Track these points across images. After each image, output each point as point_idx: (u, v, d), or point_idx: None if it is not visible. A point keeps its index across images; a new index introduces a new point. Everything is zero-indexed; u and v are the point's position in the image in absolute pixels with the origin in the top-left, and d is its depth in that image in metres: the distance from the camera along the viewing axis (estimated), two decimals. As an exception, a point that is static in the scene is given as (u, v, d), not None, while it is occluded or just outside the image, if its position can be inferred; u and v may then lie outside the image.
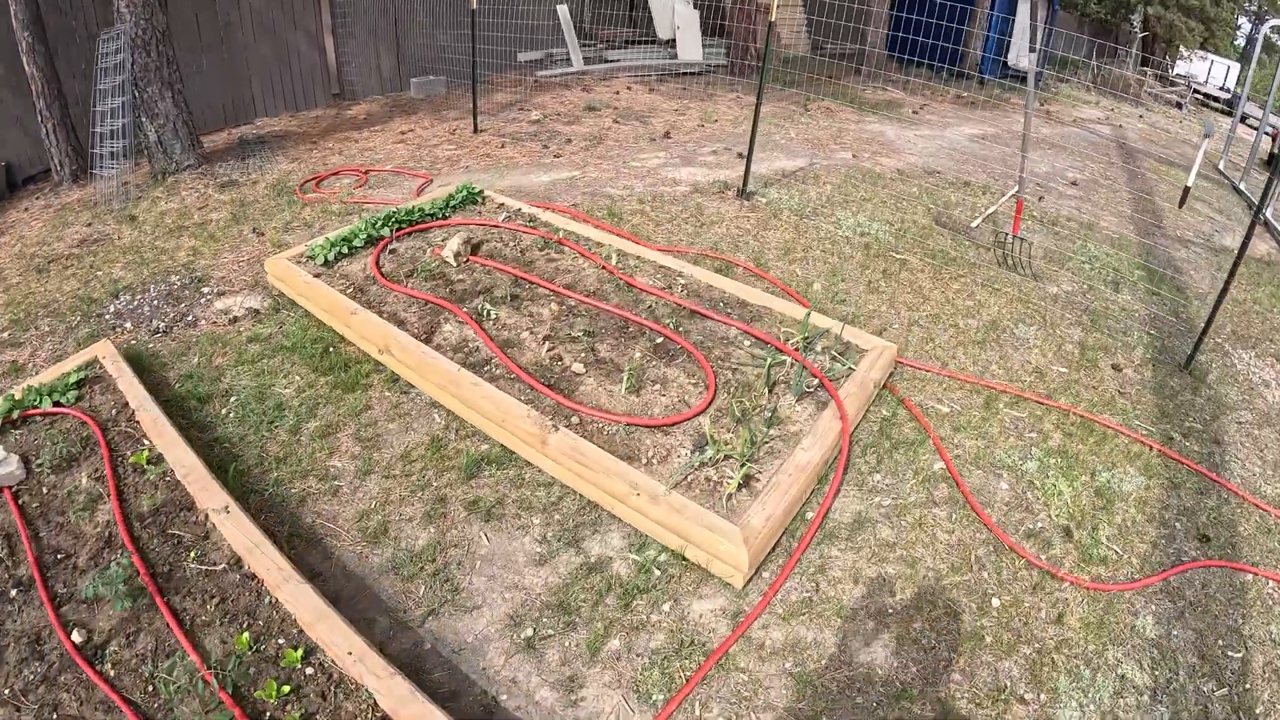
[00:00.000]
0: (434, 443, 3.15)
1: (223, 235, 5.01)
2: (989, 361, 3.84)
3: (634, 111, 7.22)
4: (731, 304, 3.80)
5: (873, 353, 3.46)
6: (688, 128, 6.82)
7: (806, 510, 2.83)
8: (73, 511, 2.68)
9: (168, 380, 3.59)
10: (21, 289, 4.49)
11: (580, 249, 4.20)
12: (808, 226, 5.02)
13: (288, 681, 2.12)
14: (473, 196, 4.83)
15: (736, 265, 4.50)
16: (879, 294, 4.34)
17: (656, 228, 4.93)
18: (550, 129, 6.84)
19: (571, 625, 2.42)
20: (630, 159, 6.07)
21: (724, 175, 5.73)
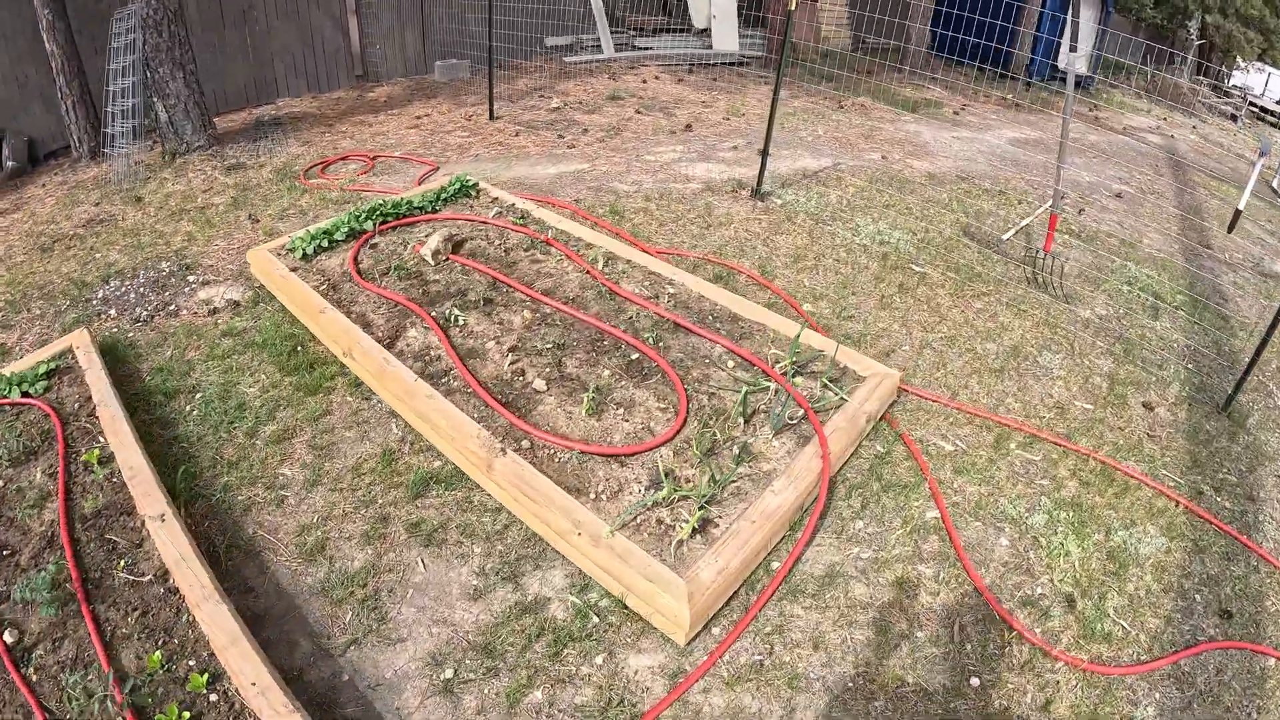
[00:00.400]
0: (386, 455, 3.15)
1: (220, 221, 5.14)
2: (1005, 393, 3.61)
3: (658, 102, 7.10)
4: (722, 318, 3.68)
5: (871, 380, 3.29)
6: (712, 121, 6.66)
7: (774, 559, 2.71)
8: (23, 508, 2.78)
9: (140, 372, 3.70)
10: (23, 268, 4.70)
11: (567, 250, 4.14)
12: (823, 232, 4.83)
13: (190, 707, 2.14)
14: (466, 190, 4.81)
15: (739, 273, 4.36)
16: (892, 311, 4.14)
17: (659, 228, 4.82)
18: (568, 118, 6.78)
19: (495, 671, 2.37)
20: (645, 152, 5.96)
21: (741, 173, 5.57)
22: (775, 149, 6.05)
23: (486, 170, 5.80)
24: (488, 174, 5.72)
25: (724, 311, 3.71)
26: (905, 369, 3.69)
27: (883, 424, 3.31)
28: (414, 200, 4.60)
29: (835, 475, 3.02)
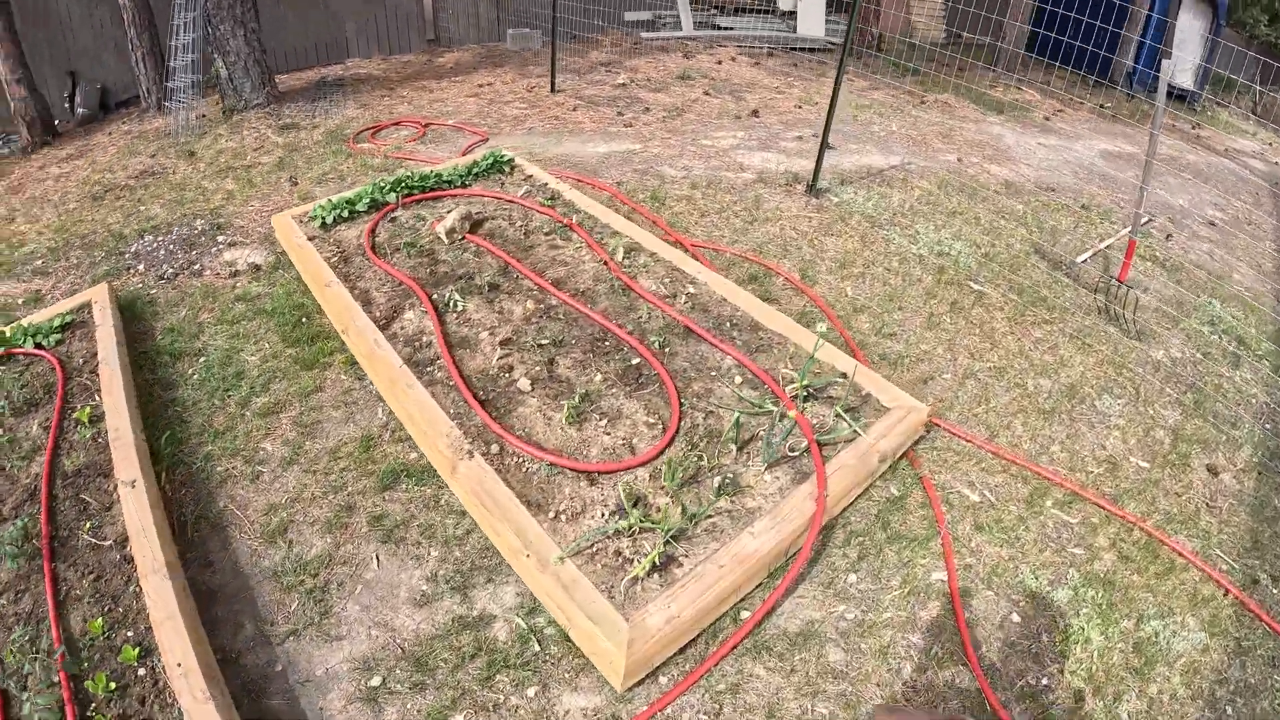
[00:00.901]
0: (366, 441, 3.24)
1: (261, 181, 5.41)
2: (1052, 439, 3.34)
3: (729, 85, 6.95)
4: (742, 325, 3.57)
5: (895, 413, 3.11)
6: (782, 108, 6.45)
7: (745, 608, 2.61)
8: (15, 458, 3.03)
9: (154, 330, 3.95)
10: (73, 216, 5.11)
11: (588, 238, 4.11)
12: (877, 237, 4.59)
13: (119, 679, 2.29)
14: (500, 165, 4.86)
15: (777, 274, 4.21)
16: (939, 331, 3.90)
17: (700, 219, 4.72)
18: (632, 95, 6.74)
19: (422, 687, 2.41)
20: (703, 136, 5.83)
21: (799, 166, 5.37)
22: (843, 143, 5.81)
23: (536, 145, 5.85)
24: (536, 149, 5.76)
25: (745, 318, 3.60)
26: (942, 400, 3.47)
27: (904, 462, 3.13)
28: (443, 174, 4.68)
29: (835, 519, 2.88)
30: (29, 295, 4.16)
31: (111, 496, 2.84)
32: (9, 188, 5.56)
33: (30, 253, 4.57)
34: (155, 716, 2.20)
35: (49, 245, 4.66)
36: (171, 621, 2.40)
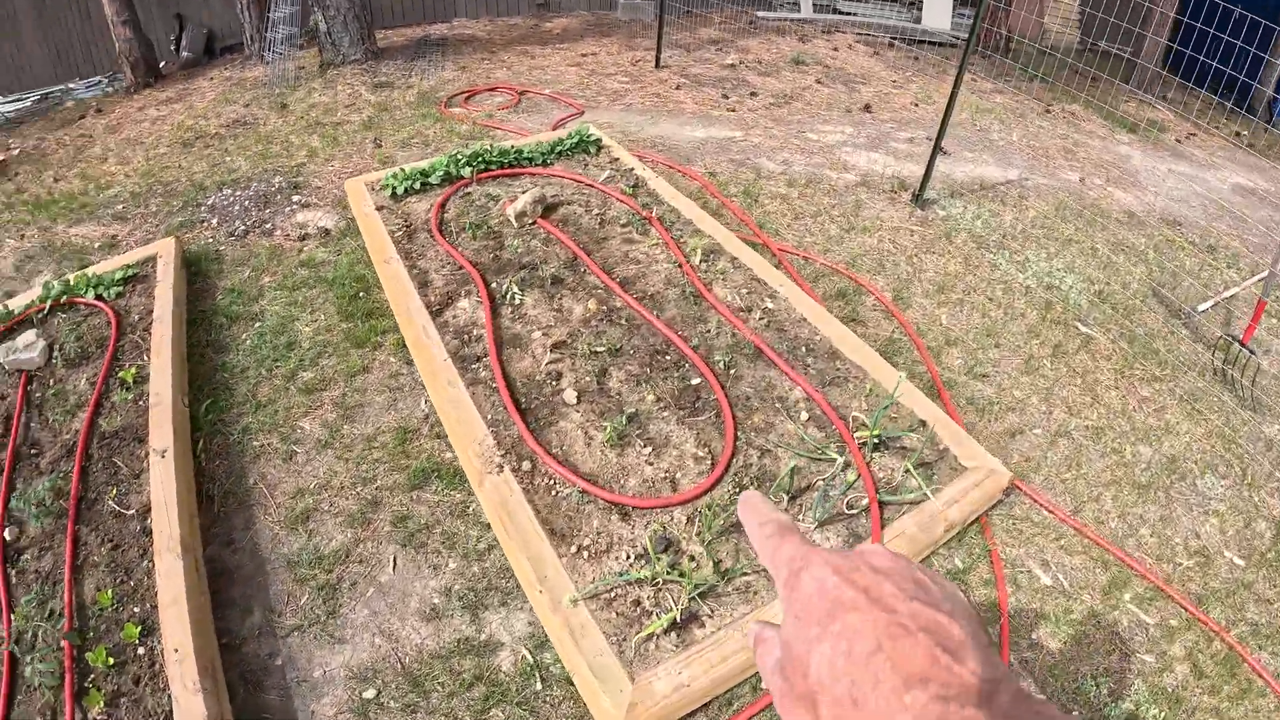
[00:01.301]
0: (403, 432, 3.24)
1: (346, 140, 5.52)
2: (1143, 520, 2.99)
3: (844, 74, 6.61)
4: (819, 351, 3.36)
5: (972, 476, 2.85)
6: (897, 105, 6.08)
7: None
8: (60, 411, 3.20)
9: (215, 289, 4.09)
10: (161, 161, 5.37)
11: (666, 235, 3.97)
12: (982, 260, 4.24)
13: (119, 655, 2.36)
14: (585, 144, 4.76)
15: (868, 292, 3.96)
16: (1036, 377, 3.57)
17: (793, 221, 4.49)
18: (740, 78, 6.51)
19: (413, 709, 2.39)
20: (808, 129, 5.56)
21: (908, 171, 5.04)
22: (958, 149, 5.42)
23: (631, 123, 5.73)
24: (630, 128, 5.65)
25: (823, 344, 3.39)
26: (1029, 459, 3.17)
27: (975, 526, 2.88)
28: (524, 150, 4.63)
29: None
30: (105, 240, 4.39)
31: (142, 463, 2.94)
32: (108, 127, 5.91)
33: (114, 196, 4.83)
34: (146, 699, 2.26)
35: (132, 190, 4.91)
36: (176, 606, 2.45)
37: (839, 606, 0.43)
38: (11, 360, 3.27)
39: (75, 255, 4.29)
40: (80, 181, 5.11)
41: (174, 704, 2.21)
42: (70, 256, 4.29)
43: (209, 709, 2.20)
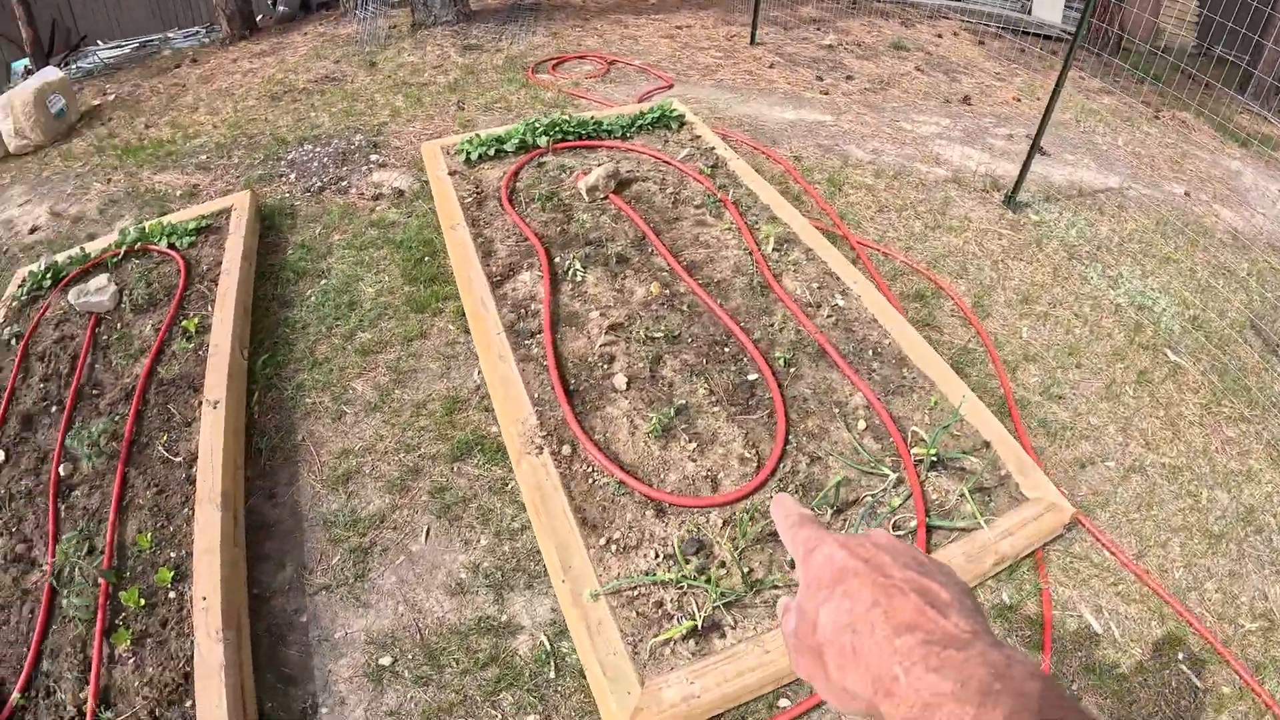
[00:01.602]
0: (452, 401, 3.26)
1: (430, 101, 5.58)
2: (1210, 573, 2.72)
3: (945, 63, 6.27)
4: (886, 356, 3.20)
5: (1031, 508, 2.64)
6: (998, 98, 5.71)
7: (786, 694, 2.34)
8: (125, 355, 3.34)
9: (286, 244, 4.20)
10: (249, 114, 5.55)
11: (740, 220, 3.85)
12: (1072, 272, 3.94)
13: (150, 597, 2.46)
14: (667, 120, 4.66)
15: (947, 297, 3.75)
16: (1116, 404, 3.30)
17: (876, 214, 4.29)
18: (837, 59, 6.26)
19: (426, 681, 2.40)
20: (903, 118, 5.29)
21: (1002, 170, 4.72)
22: (1058, 150, 5.07)
23: (719, 100, 5.60)
24: (718, 105, 5.52)
25: (891, 349, 3.23)
26: (1097, 493, 2.94)
27: (1028, 562, 2.70)
28: (604, 122, 4.57)
29: None
30: (186, 189, 4.57)
31: (195, 412, 3.04)
32: (201, 77, 6.15)
33: (200, 145, 5.02)
34: (171, 642, 2.34)
35: (218, 140, 5.09)
36: (209, 556, 2.53)
37: (844, 574, 0.52)
38: (82, 302, 3.43)
39: (157, 202, 4.48)
40: (170, 129, 5.34)
41: (195, 650, 2.29)
42: (152, 203, 4.48)
43: (227, 658, 2.27)
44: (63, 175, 4.97)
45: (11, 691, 2.22)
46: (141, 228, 3.86)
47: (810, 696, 2.28)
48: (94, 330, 3.40)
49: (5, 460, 2.90)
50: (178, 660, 2.28)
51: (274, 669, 2.46)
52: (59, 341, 3.36)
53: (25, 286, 3.62)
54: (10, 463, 2.89)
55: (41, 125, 5.25)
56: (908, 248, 4.07)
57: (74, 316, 3.47)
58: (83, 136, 5.44)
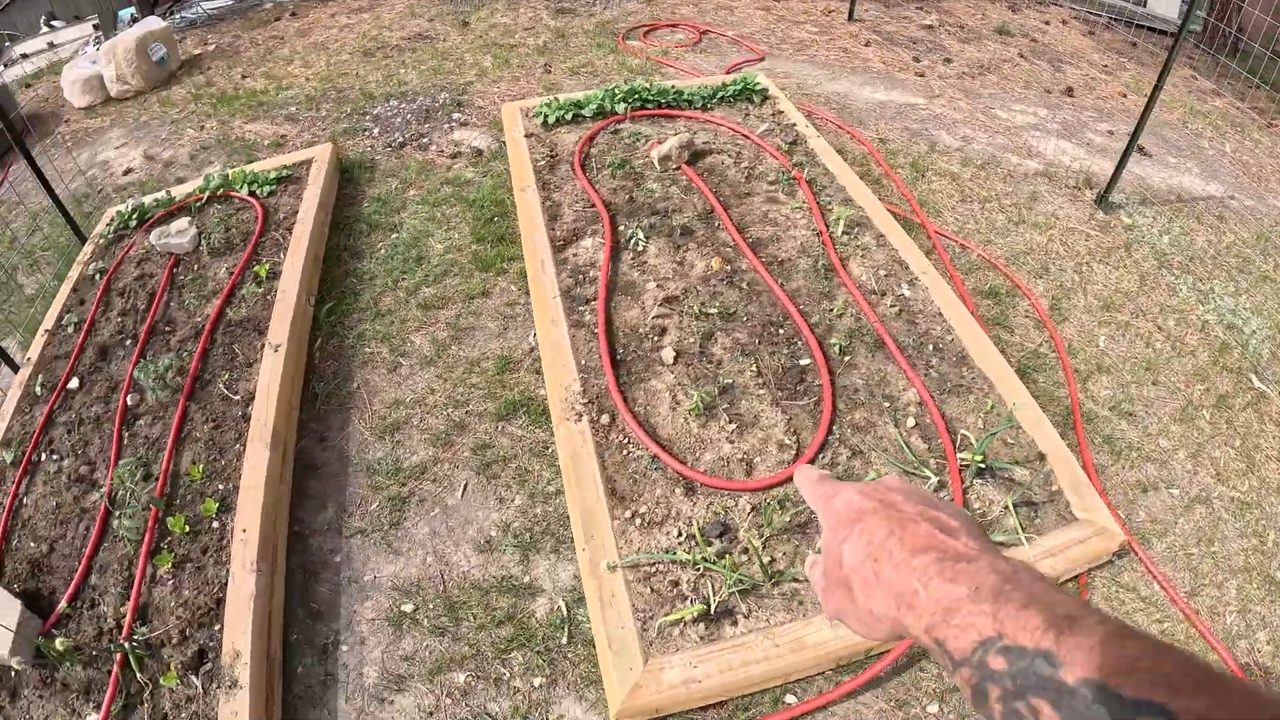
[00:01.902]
0: (505, 361, 3.28)
1: (518, 63, 5.60)
2: (1263, 622, 2.45)
3: (1050, 51, 5.85)
4: (947, 353, 3.04)
5: (1078, 529, 2.44)
6: (1103, 92, 5.28)
7: (792, 690, 2.26)
8: (198, 295, 3.48)
9: (363, 196, 4.30)
10: (340, 68, 5.68)
11: (811, 199, 3.72)
12: (1161, 282, 3.63)
13: (195, 525, 2.57)
14: (750, 93, 4.53)
15: (1023, 296, 3.53)
16: (1190, 428, 3.05)
17: (959, 204, 4.07)
18: (937, 41, 5.94)
19: (442, 631, 2.45)
20: (999, 106, 4.98)
21: (1098, 168, 4.38)
22: (1160, 151, 4.68)
23: (809, 76, 5.42)
24: (807, 81, 5.34)
25: (954, 346, 3.07)
26: (1156, 521, 2.71)
27: (1070, 586, 2.51)
28: (685, 91, 4.48)
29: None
30: (274, 139, 4.73)
31: (258, 354, 3.15)
32: (299, 30, 6.33)
33: (291, 97, 5.18)
34: (209, 569, 2.45)
35: (308, 93, 5.23)
36: (253, 491, 2.63)
37: (861, 513, 0.58)
38: (163, 243, 3.60)
39: (245, 150, 4.65)
40: (264, 80, 5.53)
41: (230, 579, 2.39)
42: (240, 151, 4.66)
43: (258, 588, 2.36)
44: (159, 120, 5.22)
45: (60, 600, 2.37)
46: (225, 175, 4.02)
47: (817, 696, 2.22)
48: (172, 270, 3.57)
49: (79, 387, 3.08)
50: (213, 586, 2.38)
51: (304, 604, 2.56)
52: (139, 279, 3.54)
53: (113, 225, 3.82)
54: (84, 390, 3.07)
55: (142, 72, 5.52)
56: (987, 241, 3.85)
57: (155, 256, 3.65)
58: (181, 84, 5.69)
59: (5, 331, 3.75)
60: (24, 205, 4.39)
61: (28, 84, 6.17)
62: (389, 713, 2.28)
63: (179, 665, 2.22)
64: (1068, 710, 0.40)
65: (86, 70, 5.49)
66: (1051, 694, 0.41)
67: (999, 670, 0.44)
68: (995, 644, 0.45)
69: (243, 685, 2.15)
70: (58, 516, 2.64)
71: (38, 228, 4.29)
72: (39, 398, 3.08)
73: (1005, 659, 0.44)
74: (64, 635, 2.27)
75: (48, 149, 5.05)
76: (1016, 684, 0.43)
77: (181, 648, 2.26)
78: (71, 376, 3.13)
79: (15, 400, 3.10)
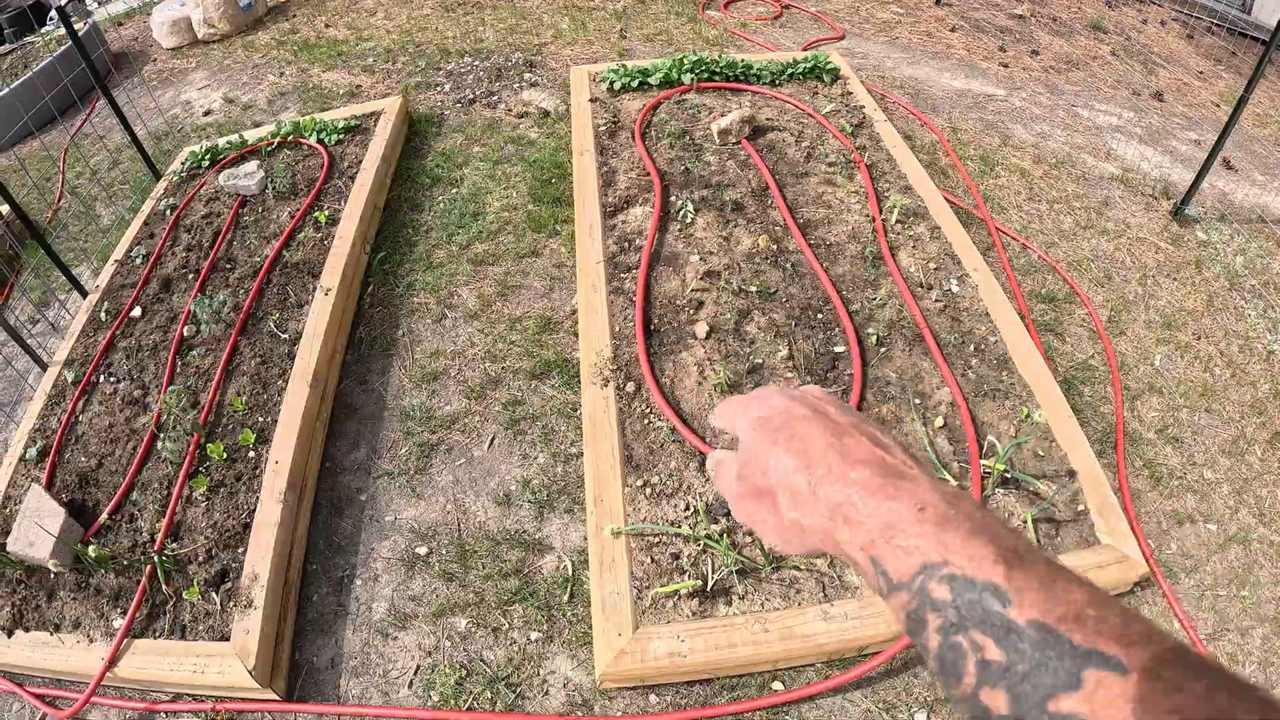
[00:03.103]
0: (546, 321, 3.32)
1: (594, 27, 5.57)
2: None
3: (1144, 52, 5.46)
4: (988, 355, 2.93)
5: (1098, 554, 2.31)
6: (1195, 99, 4.90)
7: (781, 677, 2.24)
8: (258, 236, 3.61)
9: (429, 149, 4.37)
10: (420, 22, 5.74)
11: (869, 183, 3.62)
12: (1229, 304, 3.38)
13: (232, 452, 2.69)
14: (820, 72, 4.40)
15: (1081, 304, 3.37)
16: (1237, 462, 2.85)
17: (1026, 202, 3.89)
18: (1026, 31, 5.63)
19: (451, 577, 2.52)
20: (1083, 104, 4.70)
21: (1178, 177, 4.08)
22: (1248, 166, 4.35)
23: (887, 59, 5.23)
24: (885, 64, 5.16)
25: (997, 348, 2.96)
26: (1188, 555, 2.55)
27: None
28: (754, 66, 4.38)
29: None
30: (350, 88, 4.82)
31: (309, 296, 3.24)
32: (388, -20, 6.43)
33: (370, 48, 5.27)
34: (240, 494, 2.56)
35: (386, 45, 5.31)
36: (289, 426, 2.73)
37: (793, 419, 0.54)
38: (231, 185, 3.73)
39: (321, 99, 4.76)
40: (346, 30, 5.63)
41: (259, 505, 2.50)
42: (316, 99, 4.77)
43: (283, 517, 2.46)
44: (242, 65, 5.38)
45: (102, 513, 2.51)
46: (296, 122, 4.13)
47: (804, 686, 2.20)
48: (238, 210, 3.69)
49: (142, 315, 3.24)
50: (242, 511, 2.50)
51: (326, 536, 2.66)
52: (206, 217, 3.68)
53: (186, 164, 3.98)
54: (145, 318, 3.23)
55: (229, 17, 5.68)
56: (1050, 244, 3.68)
57: (223, 196, 3.78)
58: (267, 30, 5.84)
59: (81, 259, 3.96)
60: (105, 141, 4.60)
61: (119, 22, 6.43)
62: (391, 648, 2.37)
63: (202, 582, 2.34)
64: (1013, 651, 0.38)
65: (175, 12, 5.69)
66: (998, 631, 0.39)
67: (941, 600, 0.42)
68: (939, 570, 0.43)
69: (257, 606, 2.26)
70: (109, 435, 2.80)
71: (117, 162, 4.49)
72: (103, 323, 3.25)
73: (950, 588, 0.42)
74: (101, 544, 2.42)
75: (134, 87, 5.27)
76: (960, 615, 0.41)
77: (206, 566, 2.38)
78: (135, 305, 3.29)
79: (81, 324, 3.27)
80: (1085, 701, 0.35)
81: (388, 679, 2.32)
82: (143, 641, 2.26)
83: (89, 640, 2.28)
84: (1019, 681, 0.38)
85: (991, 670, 0.39)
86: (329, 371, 3.07)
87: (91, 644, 2.27)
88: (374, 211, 3.78)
